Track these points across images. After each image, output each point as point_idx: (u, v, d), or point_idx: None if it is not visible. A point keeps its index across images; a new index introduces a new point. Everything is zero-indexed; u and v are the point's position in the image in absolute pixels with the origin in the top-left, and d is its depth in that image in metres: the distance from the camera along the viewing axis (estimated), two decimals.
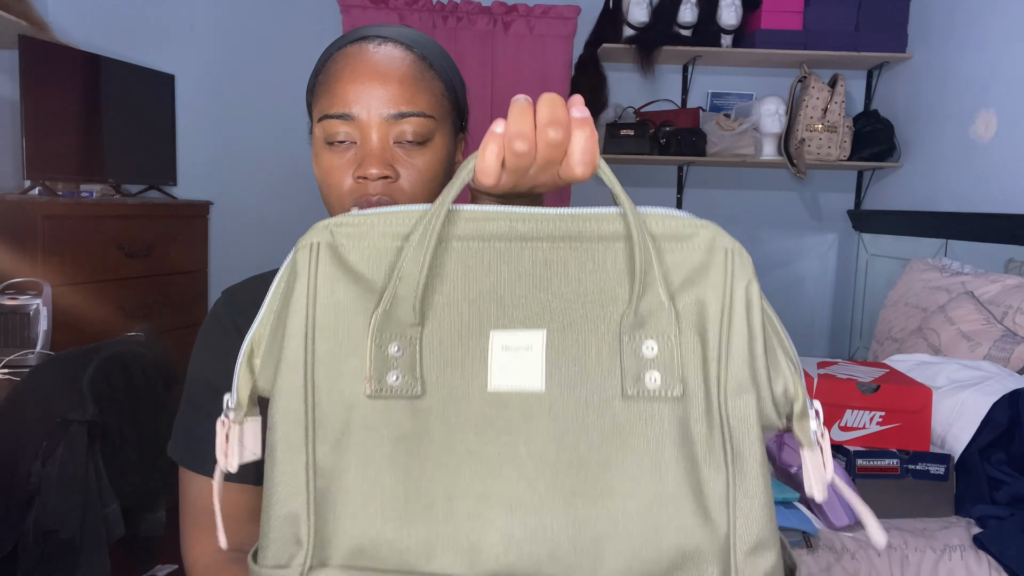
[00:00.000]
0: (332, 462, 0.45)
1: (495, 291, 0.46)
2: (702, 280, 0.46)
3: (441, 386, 0.46)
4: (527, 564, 0.43)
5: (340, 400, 0.45)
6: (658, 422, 0.45)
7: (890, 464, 1.42)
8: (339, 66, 0.76)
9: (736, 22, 2.98)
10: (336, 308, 0.46)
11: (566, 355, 0.45)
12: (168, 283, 2.73)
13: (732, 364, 0.45)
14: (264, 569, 0.46)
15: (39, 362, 1.67)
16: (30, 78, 2.36)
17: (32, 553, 0.93)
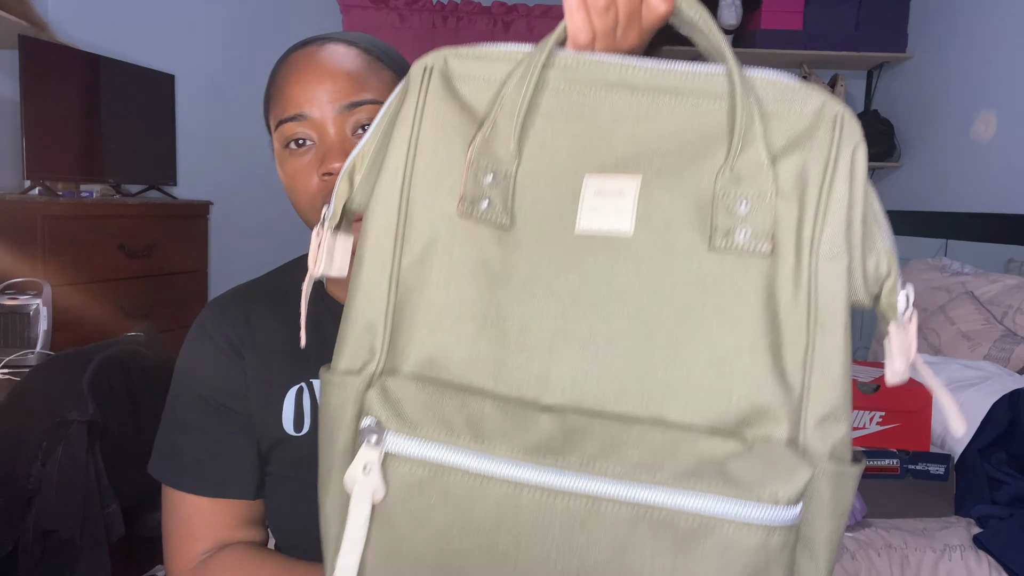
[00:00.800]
0: (415, 275, 0.46)
1: (593, 135, 0.46)
2: (806, 145, 0.45)
3: (530, 221, 0.46)
4: (592, 401, 0.43)
5: (432, 215, 0.47)
6: (743, 277, 0.44)
7: (890, 464, 1.42)
8: (285, 72, 0.77)
9: (736, 22, 2.98)
10: (441, 128, 0.47)
11: (658, 204, 0.45)
12: (168, 283, 2.73)
13: (828, 227, 0.44)
14: (335, 375, 0.47)
15: (39, 362, 1.67)
16: (30, 78, 2.36)
17: (32, 553, 0.93)
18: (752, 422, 0.43)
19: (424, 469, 0.43)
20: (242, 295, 0.84)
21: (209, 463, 0.78)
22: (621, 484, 0.42)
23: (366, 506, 0.44)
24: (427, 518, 0.43)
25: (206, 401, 0.79)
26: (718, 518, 0.41)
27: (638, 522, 0.41)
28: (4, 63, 2.65)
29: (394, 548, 0.44)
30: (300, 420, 0.78)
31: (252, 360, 0.79)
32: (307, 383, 0.79)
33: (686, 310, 0.44)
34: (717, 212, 0.44)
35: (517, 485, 0.42)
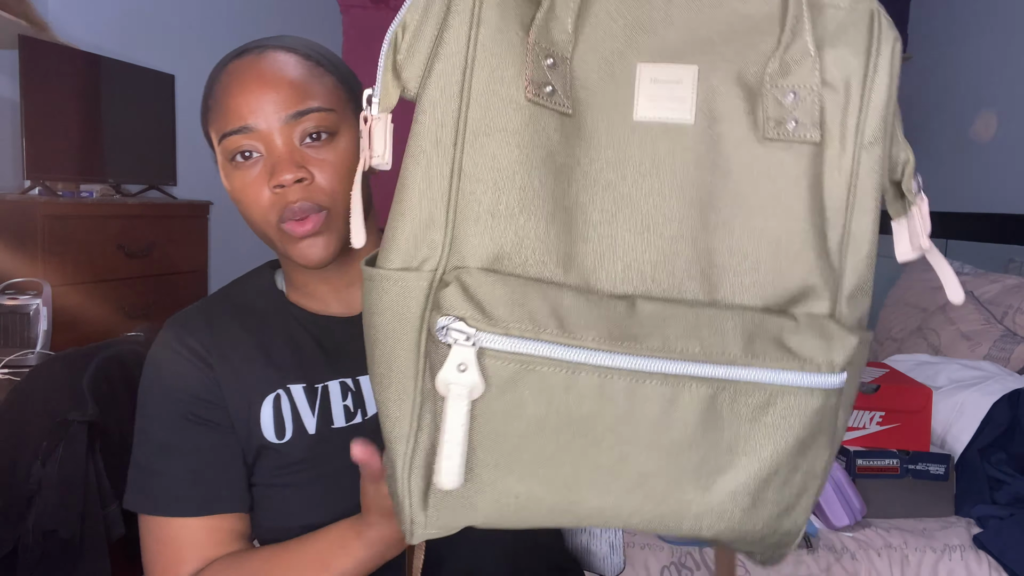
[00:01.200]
0: (480, 164, 0.45)
1: (646, 19, 0.46)
2: (848, 36, 0.47)
3: (589, 107, 0.46)
4: (658, 288, 0.46)
5: (494, 100, 0.45)
6: (793, 165, 0.46)
7: (890, 464, 1.42)
8: (225, 83, 0.74)
9: None
10: (501, 9, 0.45)
11: (713, 94, 0.46)
12: (168, 283, 2.73)
13: (871, 117, 0.48)
14: (388, 272, 0.45)
15: (39, 362, 1.67)
16: (30, 78, 2.36)
17: (32, 553, 0.93)
18: (800, 300, 0.46)
19: (515, 363, 0.43)
20: (202, 310, 0.82)
21: (195, 480, 0.75)
22: (699, 364, 0.44)
23: (464, 404, 0.43)
24: (522, 410, 0.44)
25: (183, 417, 0.76)
26: (787, 386, 0.45)
27: (717, 397, 0.45)
28: (4, 63, 2.65)
29: (485, 443, 0.44)
30: (281, 427, 0.76)
31: (223, 370, 0.77)
32: (284, 390, 0.77)
33: (742, 199, 0.46)
34: (767, 103, 0.46)
35: (606, 371, 0.44)
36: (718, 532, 0.47)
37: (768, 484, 0.46)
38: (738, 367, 0.45)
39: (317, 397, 0.77)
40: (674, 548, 1.27)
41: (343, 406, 0.77)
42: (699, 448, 0.45)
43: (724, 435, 0.45)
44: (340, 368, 0.79)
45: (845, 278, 0.48)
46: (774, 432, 0.46)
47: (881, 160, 0.48)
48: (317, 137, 0.73)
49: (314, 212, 0.72)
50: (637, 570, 1.24)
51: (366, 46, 3.13)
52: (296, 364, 0.78)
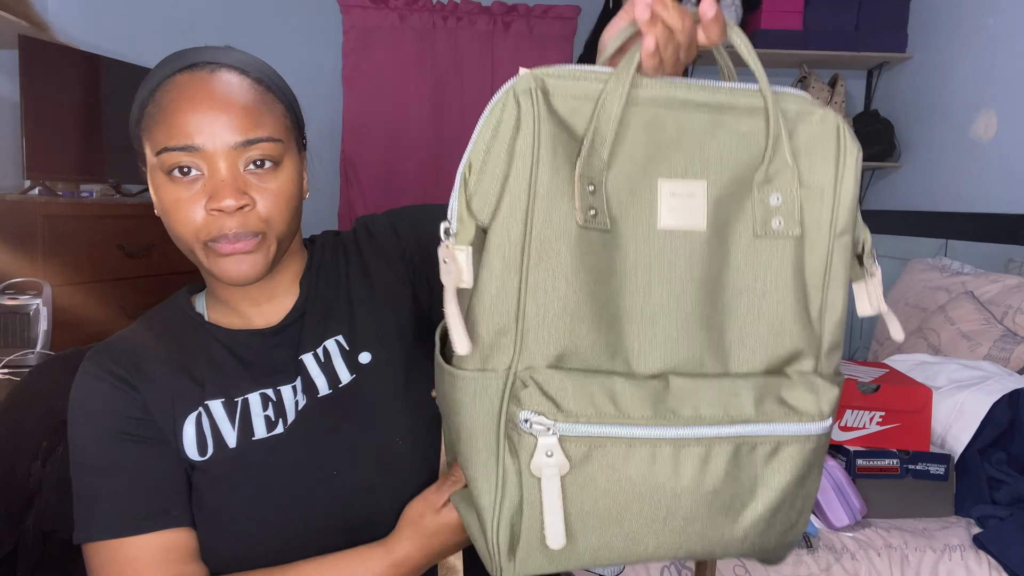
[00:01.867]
0: (544, 283, 0.54)
1: (663, 145, 0.56)
2: (820, 148, 0.58)
3: (621, 222, 0.56)
4: (682, 365, 0.56)
5: (552, 228, 0.53)
6: (781, 255, 0.58)
7: (890, 464, 1.42)
8: (173, 96, 0.72)
9: (736, 22, 2.98)
10: (553, 149, 0.53)
11: (718, 203, 0.57)
12: (168, 283, 2.72)
13: (842, 212, 0.58)
14: (466, 372, 0.55)
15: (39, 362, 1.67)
16: (30, 78, 2.36)
17: (32, 553, 0.93)
18: (791, 361, 0.58)
19: (585, 443, 0.54)
20: (121, 338, 0.81)
21: (139, 495, 0.73)
22: (724, 427, 0.55)
23: (556, 481, 0.54)
24: (593, 482, 0.55)
25: (116, 437, 0.74)
26: (789, 436, 0.57)
27: (739, 450, 0.56)
28: (4, 63, 2.65)
29: (569, 508, 0.55)
30: (203, 445, 0.75)
31: (147, 393, 0.76)
32: (203, 407, 0.76)
33: (743, 286, 0.58)
34: (757, 205, 0.57)
35: (655, 442, 0.55)
36: (741, 552, 0.59)
37: (779, 511, 0.58)
38: (752, 424, 0.56)
39: (237, 411, 0.76)
40: None
41: (264, 416, 0.76)
42: (728, 491, 0.56)
43: (745, 478, 0.57)
44: (260, 380, 0.78)
45: (824, 338, 0.60)
46: (782, 470, 0.57)
47: (850, 244, 0.59)
48: (261, 164, 0.73)
49: (247, 238, 0.72)
50: (637, 570, 1.24)
51: (366, 46, 3.13)
52: (214, 380, 0.78)
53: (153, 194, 0.76)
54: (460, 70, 3.15)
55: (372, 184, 3.18)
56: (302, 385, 0.78)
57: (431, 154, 3.19)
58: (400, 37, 3.12)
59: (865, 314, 0.61)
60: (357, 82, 3.12)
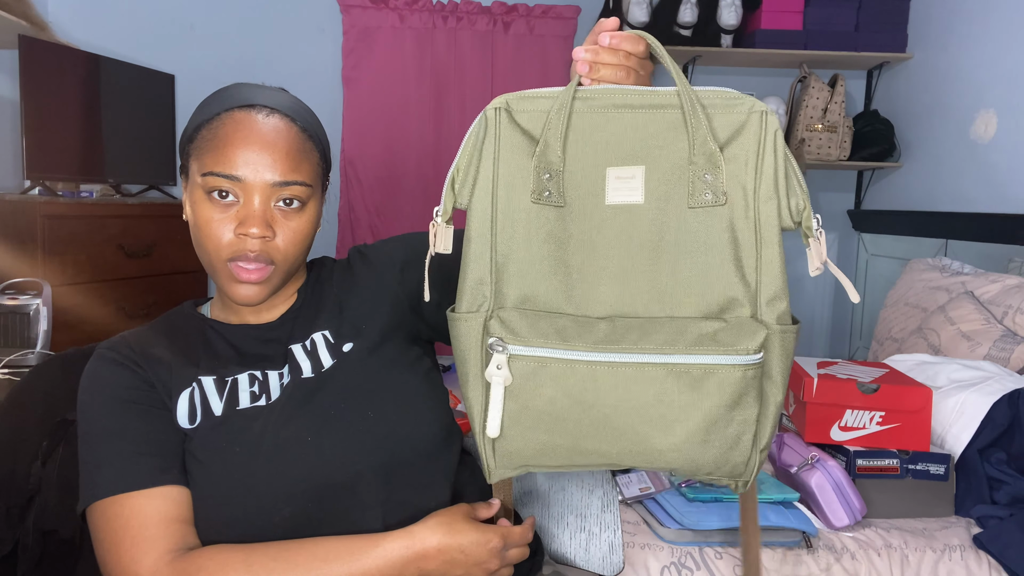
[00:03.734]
0: (506, 246, 0.71)
1: (609, 141, 0.71)
2: (745, 132, 0.71)
3: (575, 200, 0.71)
4: (628, 310, 0.71)
5: (512, 205, 0.71)
6: (713, 221, 0.70)
7: (890, 464, 1.42)
8: (228, 129, 0.84)
9: (736, 22, 2.98)
10: (512, 149, 0.71)
11: (656, 182, 0.71)
12: (168, 283, 2.73)
13: (763, 182, 0.70)
14: (461, 315, 0.72)
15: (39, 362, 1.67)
16: (30, 78, 2.36)
17: (32, 553, 0.93)
18: (728, 308, 0.71)
19: (533, 362, 0.70)
20: (128, 333, 0.91)
21: (144, 454, 0.80)
22: (655, 355, 0.69)
23: (501, 388, 0.70)
24: (538, 391, 0.70)
25: (122, 404, 0.82)
26: (716, 364, 0.69)
27: (668, 375, 0.69)
28: (4, 63, 2.65)
29: (519, 412, 0.71)
30: (193, 415, 0.84)
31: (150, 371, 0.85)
32: (196, 382, 0.86)
33: (680, 246, 0.71)
34: (692, 182, 0.70)
35: (592, 364, 0.69)
36: (680, 465, 0.71)
37: (712, 428, 0.69)
38: (681, 355, 0.69)
39: (226, 387, 0.86)
40: (674, 548, 1.27)
41: (250, 391, 0.86)
42: (658, 408, 0.69)
43: (675, 398, 0.69)
44: (250, 364, 0.89)
45: (762, 289, 0.70)
46: (711, 393, 0.69)
47: (776, 209, 0.70)
48: (289, 203, 0.86)
49: (264, 263, 0.85)
50: (637, 570, 1.24)
51: (366, 46, 3.13)
52: (208, 362, 0.88)
53: (188, 205, 0.88)
54: (460, 70, 3.15)
55: (372, 184, 3.18)
56: (288, 369, 0.88)
57: (431, 154, 3.18)
58: (400, 37, 3.12)
59: (815, 273, 0.71)
60: (357, 82, 3.12)
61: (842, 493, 1.34)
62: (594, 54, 0.71)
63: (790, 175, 0.70)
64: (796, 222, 0.71)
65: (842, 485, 1.35)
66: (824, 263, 0.71)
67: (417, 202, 3.20)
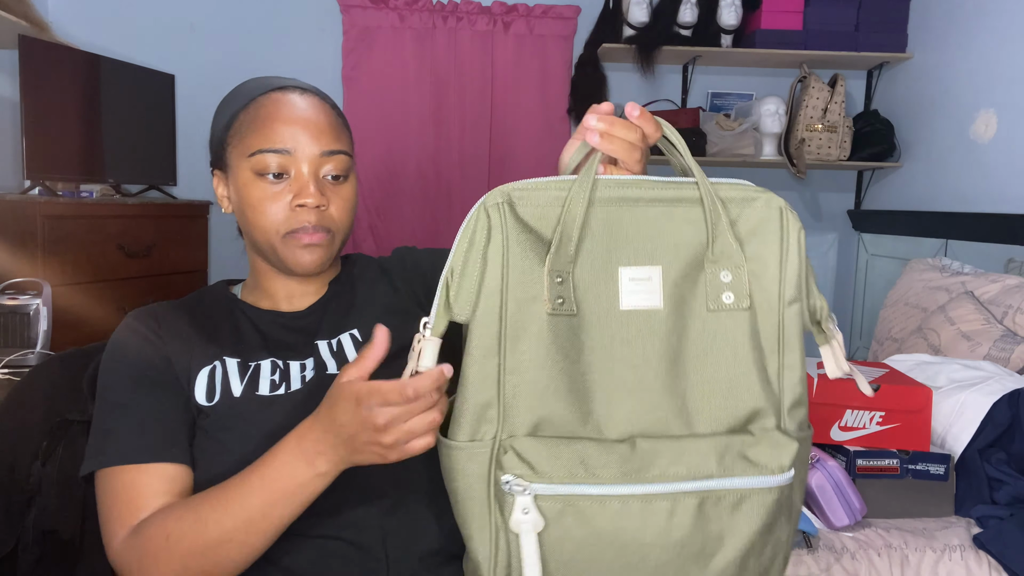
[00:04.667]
0: (517, 364, 0.63)
1: (621, 238, 0.65)
2: (765, 229, 0.66)
3: (588, 305, 0.64)
4: (648, 428, 0.64)
5: (524, 317, 0.63)
6: (735, 325, 0.65)
7: (890, 464, 1.42)
8: (270, 109, 0.86)
9: (736, 22, 2.98)
10: (522, 252, 0.63)
11: (673, 284, 0.65)
12: (168, 283, 2.73)
13: (788, 285, 0.66)
14: (460, 445, 0.63)
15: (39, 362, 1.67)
16: (30, 78, 2.36)
17: (32, 553, 0.93)
18: (753, 420, 0.65)
19: (559, 502, 0.62)
20: (157, 304, 0.93)
21: (144, 432, 0.81)
22: (688, 482, 0.62)
23: (533, 536, 0.62)
24: (569, 533, 0.62)
25: (135, 380, 0.84)
26: (751, 488, 0.63)
27: (703, 503, 0.63)
28: (4, 63, 2.65)
29: (550, 558, 0.63)
30: (212, 392, 0.85)
31: (172, 347, 0.87)
32: (220, 361, 0.87)
33: (701, 354, 0.65)
34: (708, 283, 0.65)
35: (624, 498, 0.62)
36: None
37: (748, 557, 0.64)
38: (715, 480, 0.62)
39: (248, 370, 0.87)
40: None
41: (270, 380, 0.87)
42: (696, 541, 0.63)
43: (712, 527, 0.63)
44: (274, 351, 0.89)
45: (784, 396, 0.66)
46: (747, 520, 0.63)
47: (800, 312, 0.66)
48: (336, 178, 0.89)
49: (322, 232, 0.87)
50: None
51: (366, 46, 3.13)
52: (234, 343, 0.90)
53: (234, 191, 0.89)
54: (460, 70, 3.15)
55: (371, 183, 3.18)
56: (313, 364, 0.89)
57: (431, 154, 3.18)
58: (400, 37, 3.12)
59: (834, 376, 0.68)
60: (357, 82, 3.12)
61: (842, 493, 1.34)
62: (609, 124, 0.66)
63: (809, 276, 0.67)
64: (816, 322, 0.67)
65: (842, 485, 1.35)
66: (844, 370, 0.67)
67: (417, 202, 3.20)
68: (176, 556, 0.73)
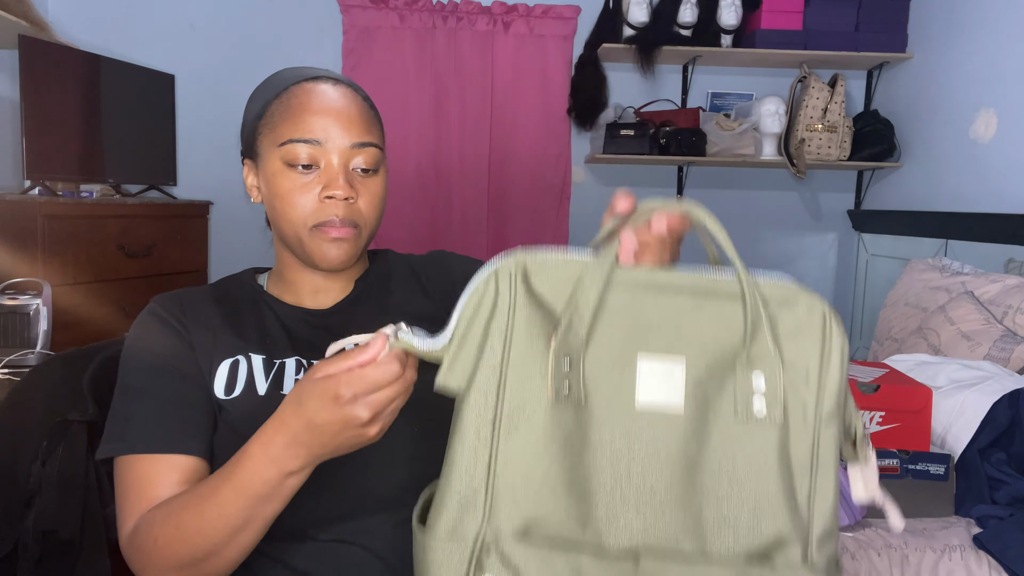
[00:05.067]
0: (511, 453, 0.56)
1: (644, 326, 0.58)
2: (806, 335, 0.58)
3: (598, 396, 0.57)
4: (652, 543, 0.56)
5: (523, 400, 0.56)
6: (764, 440, 0.57)
7: (890, 464, 1.42)
8: (302, 99, 0.85)
9: (736, 22, 2.98)
10: (528, 327, 0.57)
11: (698, 383, 0.57)
12: (168, 283, 2.73)
13: (827, 400, 0.58)
14: (439, 536, 0.56)
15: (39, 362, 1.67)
16: (30, 78, 2.36)
17: (32, 553, 0.93)
18: (776, 547, 0.57)
19: None
20: (182, 291, 0.92)
21: (162, 421, 0.81)
22: None
23: None
24: None
25: (156, 366, 0.83)
26: None
27: None
28: (4, 63, 2.65)
29: None
30: (232, 386, 0.84)
31: (195, 336, 0.86)
32: (245, 356, 0.86)
33: (724, 469, 0.57)
34: (738, 388, 0.58)
35: None
36: None
37: None
38: None
39: (274, 368, 0.86)
40: None
41: (295, 379, 0.85)
42: None
43: None
44: (299, 350, 0.88)
45: (814, 525, 0.58)
46: None
47: (838, 430, 0.59)
48: (365, 171, 0.87)
49: (349, 226, 0.85)
50: None
51: (366, 46, 3.13)
52: (260, 340, 0.88)
53: (264, 181, 0.88)
54: (460, 70, 3.15)
55: None
56: None
57: (431, 154, 3.18)
58: (400, 37, 3.12)
59: (860, 501, 0.62)
60: (357, 82, 3.12)
61: (842, 493, 1.34)
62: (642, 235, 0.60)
63: (848, 391, 0.60)
64: (850, 440, 0.61)
65: (842, 485, 1.35)
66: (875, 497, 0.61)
67: (416, 201, 3.20)
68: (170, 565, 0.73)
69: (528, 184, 3.23)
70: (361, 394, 0.60)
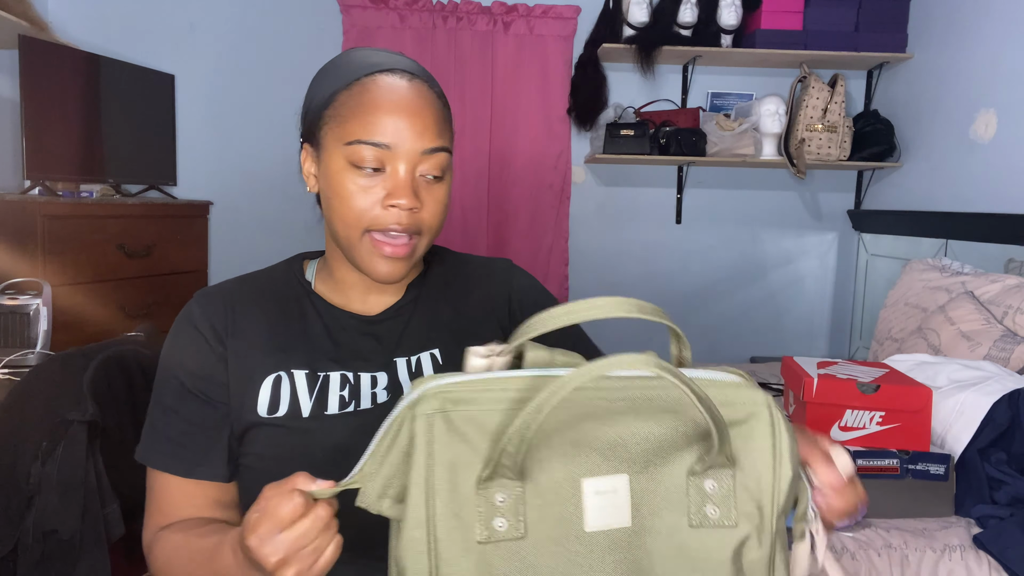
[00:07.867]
0: None
1: (584, 446, 0.54)
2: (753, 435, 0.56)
3: (541, 528, 0.53)
4: None
5: (458, 548, 0.52)
6: (718, 546, 0.55)
7: (890, 464, 1.42)
8: (374, 95, 0.79)
9: (736, 22, 2.98)
10: (450, 469, 0.53)
11: (644, 492, 0.55)
12: (168, 283, 2.73)
13: (781, 496, 0.56)
14: None
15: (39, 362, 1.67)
16: (30, 78, 2.36)
17: (32, 553, 0.93)
18: None
19: None
20: (228, 289, 0.87)
21: (182, 445, 0.81)
22: None
23: None
24: None
25: (184, 385, 0.82)
26: None
27: None
28: (4, 63, 2.65)
29: None
30: (276, 404, 0.81)
31: (235, 348, 0.82)
32: (287, 372, 0.82)
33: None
34: (691, 493, 0.55)
35: None
36: None
37: None
38: None
39: (317, 383, 0.82)
40: None
41: (339, 396, 0.82)
42: None
43: None
44: (344, 361, 0.84)
45: None
46: None
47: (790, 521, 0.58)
48: (433, 178, 0.82)
49: (410, 236, 0.81)
50: None
51: (366, 46, 3.12)
52: (304, 350, 0.84)
53: (323, 175, 0.82)
54: (460, 70, 3.15)
55: None
56: (388, 382, 0.84)
57: None
58: (400, 37, 3.12)
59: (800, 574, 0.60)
60: None
61: None
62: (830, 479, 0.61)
63: (800, 475, 0.59)
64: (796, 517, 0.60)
65: None
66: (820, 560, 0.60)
67: None
68: None
69: (528, 184, 3.23)
70: (266, 535, 0.55)
